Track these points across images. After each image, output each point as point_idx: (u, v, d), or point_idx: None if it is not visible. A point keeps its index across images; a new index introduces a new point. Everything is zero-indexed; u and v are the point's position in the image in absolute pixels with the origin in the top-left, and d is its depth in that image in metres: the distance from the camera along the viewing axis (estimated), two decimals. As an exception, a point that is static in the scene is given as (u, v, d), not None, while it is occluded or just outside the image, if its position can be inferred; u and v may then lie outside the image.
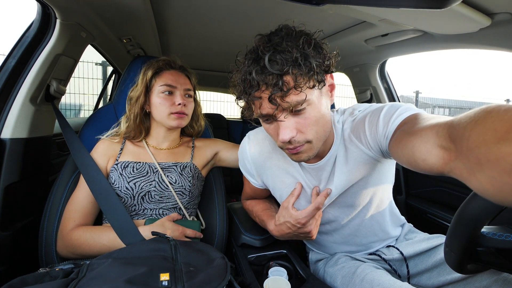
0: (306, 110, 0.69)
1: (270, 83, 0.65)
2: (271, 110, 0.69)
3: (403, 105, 0.73)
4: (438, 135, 0.50)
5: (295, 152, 0.75)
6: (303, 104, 0.67)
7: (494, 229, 0.63)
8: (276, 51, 0.65)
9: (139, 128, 1.10)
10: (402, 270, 0.97)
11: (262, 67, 0.65)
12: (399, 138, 0.65)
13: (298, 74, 0.64)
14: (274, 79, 0.64)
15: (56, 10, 0.99)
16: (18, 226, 1.01)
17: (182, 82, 1.09)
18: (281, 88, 0.64)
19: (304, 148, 0.74)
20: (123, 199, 0.98)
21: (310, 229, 0.84)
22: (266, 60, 0.64)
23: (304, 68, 0.64)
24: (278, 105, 0.67)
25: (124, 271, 0.63)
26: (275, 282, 0.78)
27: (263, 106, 0.70)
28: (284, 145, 0.75)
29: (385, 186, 0.91)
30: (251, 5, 1.07)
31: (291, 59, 0.63)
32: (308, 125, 0.71)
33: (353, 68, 1.91)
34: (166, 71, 1.08)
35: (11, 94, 1.00)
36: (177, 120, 1.06)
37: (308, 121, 0.71)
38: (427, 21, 1.02)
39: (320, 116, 0.72)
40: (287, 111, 0.68)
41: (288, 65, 0.63)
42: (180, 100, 1.05)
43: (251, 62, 0.68)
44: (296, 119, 0.70)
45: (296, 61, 0.63)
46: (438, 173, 0.51)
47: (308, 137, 0.73)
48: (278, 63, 0.64)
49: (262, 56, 0.65)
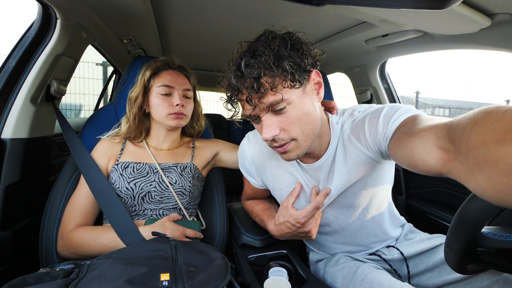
0: (287, 109, 0.72)
1: (248, 86, 0.70)
2: (250, 110, 0.73)
3: (402, 106, 0.73)
4: (438, 136, 0.50)
5: (283, 151, 0.77)
6: (281, 104, 0.70)
7: (494, 229, 0.63)
8: (253, 55, 0.70)
9: (139, 128, 1.10)
10: (403, 270, 0.97)
11: (240, 72, 0.70)
12: (398, 139, 0.65)
13: (272, 76, 0.68)
14: (251, 83, 0.69)
15: (56, 10, 0.99)
16: (18, 226, 1.01)
17: (181, 82, 1.08)
18: (256, 90, 0.68)
19: (291, 146, 0.76)
20: (124, 199, 0.98)
21: (309, 228, 0.84)
22: (242, 65, 0.69)
23: (276, 70, 0.68)
24: (255, 106, 0.71)
25: (125, 271, 0.63)
26: (275, 282, 0.78)
27: (245, 108, 0.75)
28: (270, 144, 0.78)
29: (384, 187, 0.91)
30: (252, 5, 1.07)
31: (265, 62, 0.67)
32: (291, 123, 0.73)
33: (353, 69, 1.91)
34: (164, 72, 1.08)
35: (11, 94, 1.00)
36: (175, 120, 1.05)
37: (290, 119, 0.73)
38: (427, 21, 1.03)
39: (303, 114, 0.73)
40: (266, 111, 0.72)
41: (261, 68, 0.68)
42: (178, 101, 1.04)
43: (233, 69, 0.74)
44: (278, 118, 0.73)
45: (269, 64, 0.67)
46: (437, 174, 0.51)
47: (292, 135, 0.74)
48: (254, 67, 0.68)
49: (240, 61, 0.71)
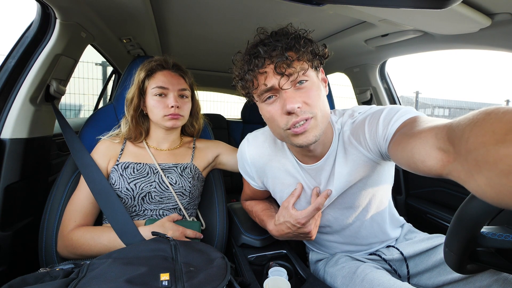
0: (308, 85, 0.74)
1: (276, 54, 0.71)
2: (275, 80, 0.72)
3: (402, 108, 0.73)
4: (437, 137, 0.50)
5: (303, 130, 0.73)
6: (306, 75, 0.73)
7: (494, 229, 0.63)
8: (279, 36, 0.74)
9: (138, 129, 1.10)
10: (402, 270, 0.97)
11: (267, 43, 0.73)
12: (398, 140, 0.65)
13: (298, 49, 0.71)
14: (280, 51, 0.71)
15: (56, 10, 0.99)
16: (18, 226, 1.01)
17: (175, 82, 1.07)
18: (287, 57, 0.70)
19: (310, 125, 0.73)
20: (124, 199, 0.98)
21: (309, 229, 0.84)
22: (271, 38, 0.73)
23: (304, 45, 0.72)
24: (283, 73, 0.71)
25: (124, 271, 0.63)
26: (275, 282, 0.78)
27: (268, 79, 0.73)
28: (289, 121, 0.73)
29: (384, 188, 0.92)
30: (251, 5, 1.07)
31: (293, 37, 0.72)
32: (313, 99, 0.73)
33: (353, 69, 1.91)
34: (159, 72, 1.07)
35: (11, 94, 1.00)
36: (171, 121, 1.05)
37: (312, 94, 0.73)
38: (427, 21, 1.03)
39: (321, 97, 0.76)
40: (289, 84, 0.73)
41: (292, 41, 0.71)
42: (173, 103, 1.03)
43: (257, 43, 0.76)
44: (299, 93, 0.73)
45: (299, 38, 0.72)
46: (436, 175, 0.51)
47: (313, 110, 0.73)
48: (282, 40, 0.72)
49: (267, 36, 0.75)
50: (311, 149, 0.84)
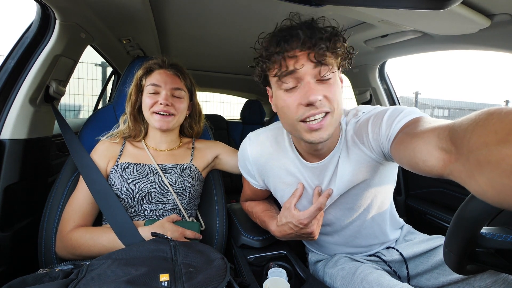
0: (332, 81, 0.73)
1: (314, 42, 0.69)
2: (307, 68, 0.70)
3: (407, 109, 0.73)
4: (439, 137, 0.50)
5: (319, 126, 0.72)
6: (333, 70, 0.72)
7: (493, 230, 0.63)
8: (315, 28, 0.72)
9: (137, 127, 1.10)
10: (402, 271, 0.97)
11: (307, 27, 0.71)
12: (401, 140, 0.65)
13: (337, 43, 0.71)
14: (318, 40, 0.69)
15: (55, 11, 0.99)
16: (17, 227, 1.01)
17: (169, 81, 1.07)
18: (326, 48, 0.69)
19: (327, 121, 0.73)
20: (123, 200, 0.98)
21: (312, 229, 0.84)
22: (313, 23, 0.72)
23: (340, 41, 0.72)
24: (319, 62, 0.70)
25: (124, 271, 0.63)
26: (274, 283, 0.78)
27: (298, 64, 0.71)
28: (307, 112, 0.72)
29: (386, 189, 0.91)
30: (251, 6, 1.07)
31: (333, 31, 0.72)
32: (334, 93, 0.73)
33: (353, 69, 1.91)
34: (155, 71, 1.09)
35: (10, 94, 1.00)
36: (159, 121, 1.04)
37: (333, 90, 0.73)
38: (426, 22, 1.03)
39: (340, 93, 0.75)
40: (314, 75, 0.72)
41: (333, 34, 0.71)
42: (162, 100, 1.03)
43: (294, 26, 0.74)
44: (322, 86, 0.72)
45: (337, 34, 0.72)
46: (438, 175, 0.51)
47: (333, 105, 0.72)
48: (323, 29, 0.71)
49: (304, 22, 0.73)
50: (319, 147, 0.83)
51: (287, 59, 0.71)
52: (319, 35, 0.69)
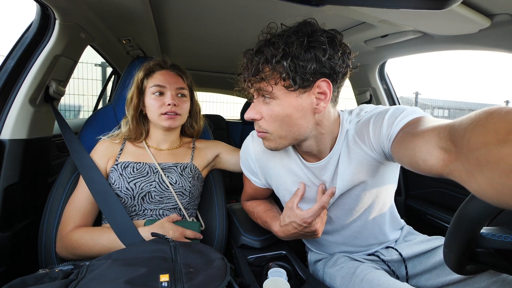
0: (271, 102, 0.76)
1: (250, 68, 0.75)
2: (249, 89, 0.80)
3: (408, 108, 0.73)
4: (440, 136, 0.50)
5: (260, 137, 0.83)
6: (268, 95, 0.75)
7: (493, 230, 0.63)
8: (268, 43, 0.73)
9: (138, 130, 1.10)
10: (401, 271, 0.97)
11: (253, 53, 0.76)
12: (401, 139, 0.65)
13: (271, 68, 0.72)
14: (253, 65, 0.74)
15: (55, 11, 0.99)
16: (17, 227, 1.01)
17: (173, 81, 1.08)
18: (254, 74, 0.74)
19: (266, 136, 0.81)
20: (123, 199, 0.98)
21: (316, 227, 0.84)
22: (255, 49, 0.76)
23: (276, 66, 0.71)
24: (249, 87, 0.79)
25: (124, 272, 0.63)
26: (274, 283, 0.78)
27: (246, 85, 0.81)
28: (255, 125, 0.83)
29: (387, 189, 0.91)
30: (250, 6, 1.07)
31: (270, 54, 0.71)
32: (271, 117, 0.77)
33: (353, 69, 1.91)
34: (157, 72, 1.08)
35: (10, 95, 1.00)
36: (168, 120, 1.05)
37: (271, 113, 0.77)
38: (426, 22, 1.03)
39: (285, 115, 0.75)
40: (257, 94, 0.79)
41: (263, 58, 0.72)
42: (170, 100, 1.03)
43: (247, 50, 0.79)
44: (264, 107, 0.78)
45: (271, 57, 0.70)
46: (437, 175, 0.51)
47: (268, 128, 0.79)
48: (263, 54, 0.72)
49: (259, 44, 0.76)
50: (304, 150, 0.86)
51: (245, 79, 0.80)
52: (252, 62, 0.75)
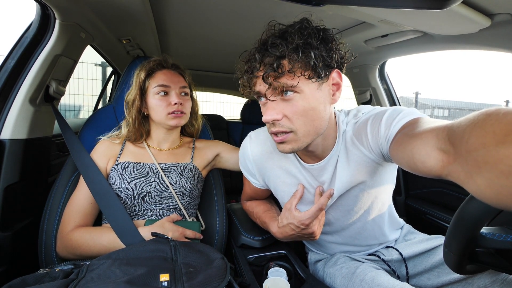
0: (295, 98, 0.72)
1: (267, 63, 0.70)
2: (263, 88, 0.74)
3: (406, 109, 0.73)
4: (438, 137, 0.50)
5: (280, 141, 0.77)
6: (293, 90, 0.71)
7: (493, 230, 0.63)
8: (281, 37, 0.70)
9: (139, 131, 1.09)
10: (401, 271, 0.97)
11: (264, 48, 0.72)
12: (400, 140, 0.65)
13: (295, 60, 0.68)
14: (271, 60, 0.69)
15: (55, 11, 0.99)
16: (18, 227, 1.01)
17: (176, 80, 1.08)
18: (275, 69, 0.69)
19: (289, 138, 0.75)
20: (123, 199, 0.98)
21: (313, 230, 0.84)
22: (269, 43, 0.71)
23: (301, 55, 0.67)
24: (270, 84, 0.71)
25: (124, 271, 0.63)
26: (274, 282, 0.78)
27: (256, 84, 0.75)
28: (269, 128, 0.77)
29: (386, 189, 0.91)
30: (250, 5, 1.07)
31: (291, 45, 0.67)
32: (295, 113, 0.72)
33: (353, 69, 1.91)
34: (159, 72, 1.07)
35: (10, 94, 1.00)
36: (175, 119, 1.05)
37: (295, 109, 0.72)
38: (427, 22, 1.03)
39: (310, 109, 0.73)
40: (276, 93, 0.73)
41: (286, 50, 0.68)
42: (176, 100, 1.04)
43: (258, 45, 0.75)
44: (284, 104, 0.73)
45: (296, 48, 0.67)
46: (436, 176, 0.51)
47: (293, 126, 0.74)
48: (279, 47, 0.69)
49: (267, 39, 0.72)
50: (310, 150, 0.84)
51: (252, 78, 0.76)
52: (272, 56, 0.70)
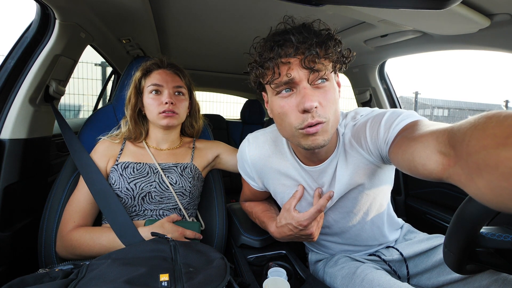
0: (327, 86, 0.71)
1: (305, 48, 0.68)
2: (300, 74, 0.69)
3: (405, 112, 0.73)
4: (438, 140, 0.50)
5: (315, 131, 0.70)
6: (328, 75, 0.71)
7: (493, 229, 0.63)
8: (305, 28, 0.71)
9: (138, 129, 1.10)
10: (402, 271, 0.97)
11: (298, 33, 0.69)
12: (399, 143, 0.64)
13: (331, 47, 0.69)
14: (309, 45, 0.67)
15: (55, 11, 0.99)
16: (17, 227, 1.01)
17: (170, 80, 1.08)
18: (318, 53, 0.67)
19: (322, 128, 0.71)
20: (123, 199, 0.98)
21: (311, 231, 0.83)
22: (303, 29, 0.70)
23: (335, 44, 0.70)
24: (311, 69, 0.68)
25: (124, 271, 0.63)
26: (274, 282, 0.78)
27: (291, 70, 0.69)
28: (302, 122, 0.70)
29: (384, 190, 0.91)
30: (250, 6, 1.07)
31: (326, 34, 0.70)
32: (329, 101, 0.71)
33: (353, 69, 1.91)
34: (154, 71, 1.08)
35: (10, 94, 1.00)
36: (166, 119, 1.05)
37: (328, 97, 0.71)
38: (426, 22, 1.03)
39: (335, 100, 0.73)
40: (314, 79, 0.70)
41: (325, 37, 0.69)
42: (167, 99, 1.03)
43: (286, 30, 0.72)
44: (317, 92, 0.70)
45: (330, 38, 0.70)
46: (437, 179, 0.51)
47: (327, 113, 0.71)
48: (316, 34, 0.69)
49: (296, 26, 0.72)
50: (316, 151, 0.82)
51: (280, 65, 0.70)
52: (311, 40, 0.67)
